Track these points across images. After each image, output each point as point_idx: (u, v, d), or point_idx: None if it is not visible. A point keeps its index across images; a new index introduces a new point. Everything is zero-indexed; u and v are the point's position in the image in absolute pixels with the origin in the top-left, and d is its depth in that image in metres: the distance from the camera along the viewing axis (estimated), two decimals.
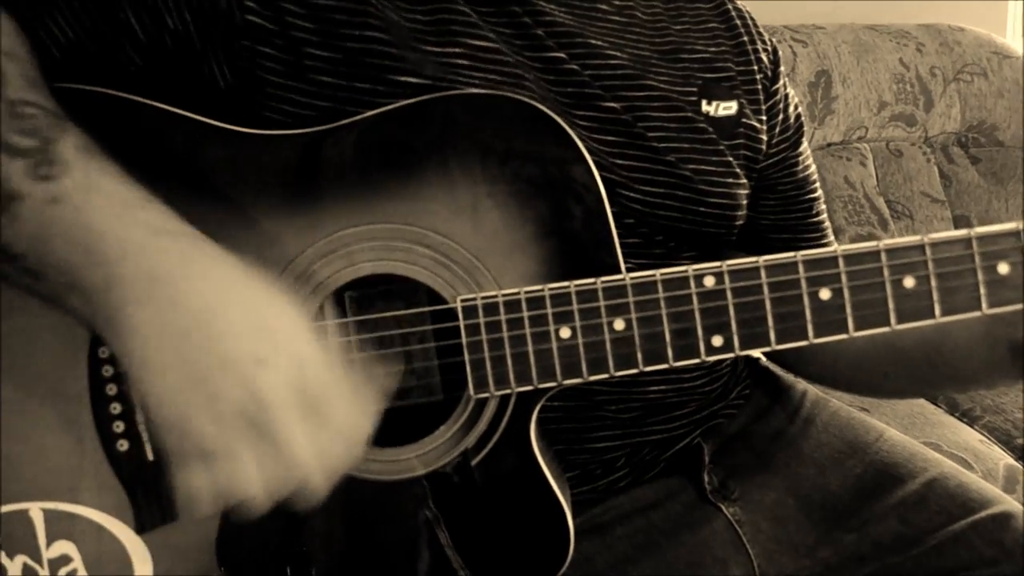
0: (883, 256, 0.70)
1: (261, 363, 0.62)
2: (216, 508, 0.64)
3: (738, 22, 0.96)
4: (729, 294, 0.71)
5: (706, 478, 0.92)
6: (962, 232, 0.70)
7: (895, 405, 1.51)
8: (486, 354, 0.72)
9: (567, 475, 0.84)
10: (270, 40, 0.76)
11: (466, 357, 0.72)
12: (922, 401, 1.58)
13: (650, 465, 0.92)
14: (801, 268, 0.70)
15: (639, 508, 0.90)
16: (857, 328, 0.70)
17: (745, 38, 0.95)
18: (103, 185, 0.64)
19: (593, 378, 0.72)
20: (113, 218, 0.63)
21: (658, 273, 0.71)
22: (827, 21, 1.97)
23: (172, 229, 0.65)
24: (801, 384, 1.06)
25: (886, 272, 0.70)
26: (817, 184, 1.02)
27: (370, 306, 0.78)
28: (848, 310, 0.70)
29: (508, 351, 0.72)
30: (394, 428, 0.74)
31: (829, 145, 1.87)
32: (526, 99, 0.73)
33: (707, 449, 0.94)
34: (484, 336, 0.72)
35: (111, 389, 0.73)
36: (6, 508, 0.72)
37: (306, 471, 0.63)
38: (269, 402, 0.62)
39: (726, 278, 0.71)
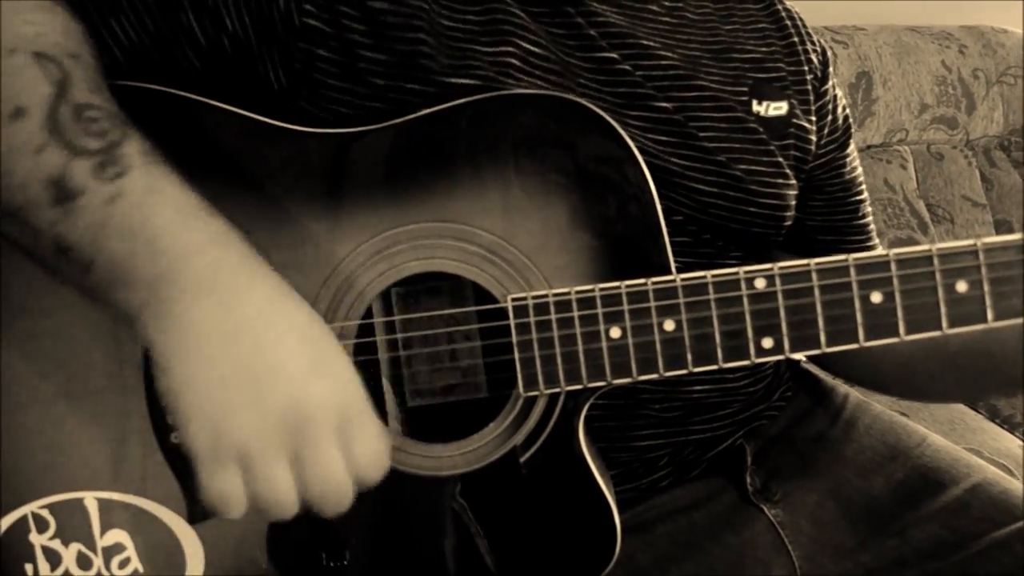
0: (936, 260, 0.70)
1: (313, 372, 0.64)
2: (244, 511, 0.64)
3: (788, 22, 0.96)
4: (780, 296, 0.71)
5: (748, 479, 0.92)
6: (1015, 237, 0.70)
7: (935, 410, 1.50)
8: (536, 353, 0.72)
9: (609, 473, 0.84)
10: (326, 43, 0.77)
11: (516, 356, 0.73)
12: (962, 407, 1.57)
13: (692, 465, 0.92)
14: (853, 271, 0.70)
15: (681, 508, 0.90)
16: (908, 332, 0.70)
17: (795, 38, 0.95)
18: (165, 189, 0.65)
19: (643, 378, 0.72)
20: (172, 219, 0.64)
21: (709, 274, 0.71)
22: (868, 22, 1.96)
23: (226, 241, 0.65)
24: (843, 387, 1.06)
25: (938, 276, 0.70)
26: (864, 186, 1.02)
27: (416, 304, 0.79)
28: (899, 314, 0.70)
29: (558, 350, 0.72)
30: (433, 425, 0.75)
31: (869, 147, 1.86)
32: (579, 100, 0.74)
33: (749, 450, 0.94)
34: (534, 335, 0.72)
35: None
36: (61, 497, 0.74)
37: (336, 485, 0.64)
38: (313, 413, 0.63)
39: (777, 280, 0.71)
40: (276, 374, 0.63)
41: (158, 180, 0.65)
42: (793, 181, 0.92)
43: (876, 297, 0.70)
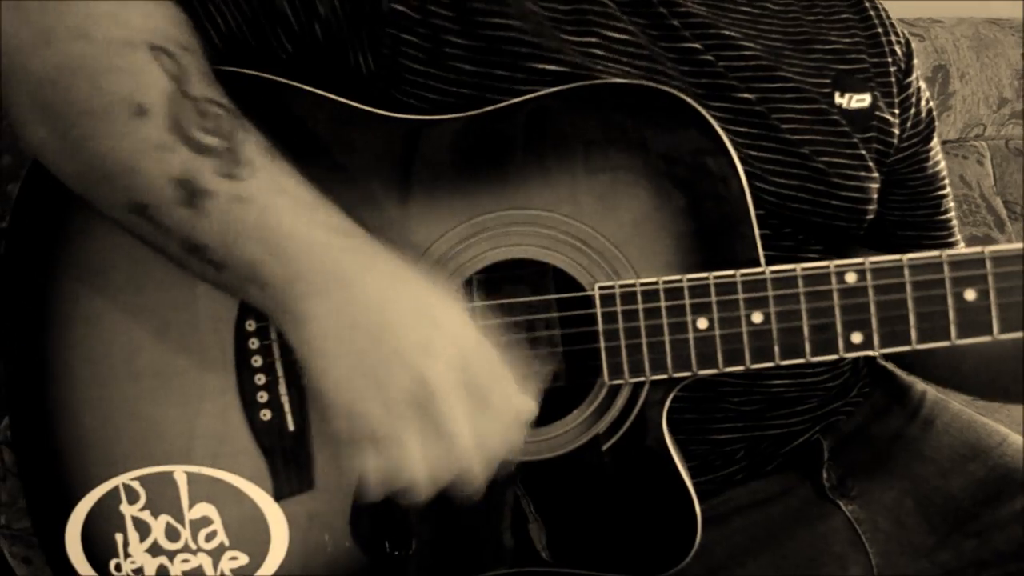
0: None
1: (428, 352, 0.65)
2: (384, 491, 0.67)
3: (871, 13, 0.95)
4: (871, 291, 0.70)
5: (824, 474, 0.92)
6: None
7: (1012, 410, 1.47)
8: (622, 342, 0.73)
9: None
10: (413, 28, 0.78)
11: (602, 344, 0.73)
12: None
13: (768, 459, 0.92)
14: (946, 268, 0.70)
15: (757, 501, 0.90)
16: (1002, 330, 0.70)
17: (879, 29, 0.94)
18: (287, 187, 0.68)
19: (728, 369, 0.72)
20: (297, 219, 0.67)
21: (799, 267, 0.71)
22: (945, 14, 1.92)
23: (346, 229, 0.68)
24: (920, 385, 1.04)
25: None
26: (947, 181, 1.01)
27: (496, 291, 0.79)
28: (994, 312, 0.69)
29: (644, 340, 0.72)
30: None
31: (945, 143, 1.82)
32: (671, 90, 0.74)
33: (825, 445, 0.94)
34: (621, 324, 0.73)
35: (256, 361, 0.76)
36: (153, 470, 0.76)
37: (467, 457, 0.66)
38: (435, 389, 0.65)
39: (868, 275, 0.70)
40: (395, 357, 0.65)
41: (281, 177, 0.68)
42: (875, 174, 0.91)
43: (970, 294, 0.69)
